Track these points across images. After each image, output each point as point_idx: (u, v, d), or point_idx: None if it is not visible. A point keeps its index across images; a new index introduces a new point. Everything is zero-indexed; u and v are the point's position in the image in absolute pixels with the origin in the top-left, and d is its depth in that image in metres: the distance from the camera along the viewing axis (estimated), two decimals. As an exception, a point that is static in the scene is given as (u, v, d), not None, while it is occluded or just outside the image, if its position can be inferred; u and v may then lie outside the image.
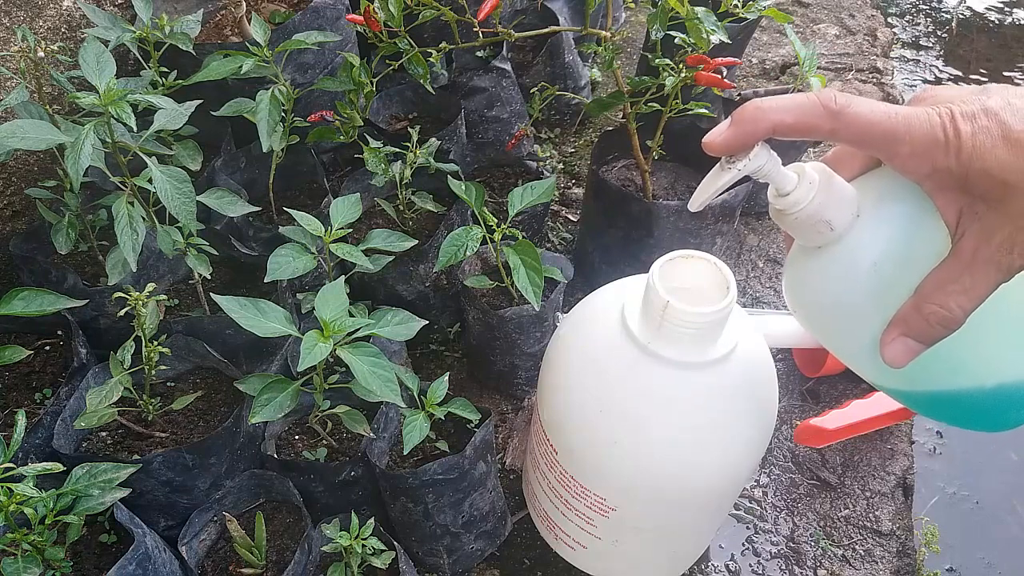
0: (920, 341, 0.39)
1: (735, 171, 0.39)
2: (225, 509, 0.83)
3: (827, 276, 0.41)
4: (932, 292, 0.38)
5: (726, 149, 0.39)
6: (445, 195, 1.02)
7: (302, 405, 0.81)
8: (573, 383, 0.69)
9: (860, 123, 0.36)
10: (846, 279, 0.41)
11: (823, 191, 0.39)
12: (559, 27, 1.12)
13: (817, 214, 0.39)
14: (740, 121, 0.38)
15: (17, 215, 1.01)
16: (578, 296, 0.78)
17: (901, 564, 0.98)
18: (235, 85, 0.97)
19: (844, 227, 0.40)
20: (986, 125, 0.35)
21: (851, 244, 0.40)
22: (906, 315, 0.39)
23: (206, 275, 0.84)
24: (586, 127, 1.55)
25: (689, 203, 0.42)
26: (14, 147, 0.69)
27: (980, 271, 0.37)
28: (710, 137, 0.39)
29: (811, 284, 0.43)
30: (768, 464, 1.07)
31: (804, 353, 1.16)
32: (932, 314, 0.38)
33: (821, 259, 0.41)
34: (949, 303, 0.38)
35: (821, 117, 0.36)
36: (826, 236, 0.40)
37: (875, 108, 0.36)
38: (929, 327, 0.39)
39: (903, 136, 0.36)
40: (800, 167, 0.40)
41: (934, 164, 0.36)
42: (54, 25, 0.99)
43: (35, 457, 0.79)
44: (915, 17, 2.13)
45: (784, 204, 0.40)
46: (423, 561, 0.91)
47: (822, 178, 0.40)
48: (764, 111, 0.37)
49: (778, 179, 0.40)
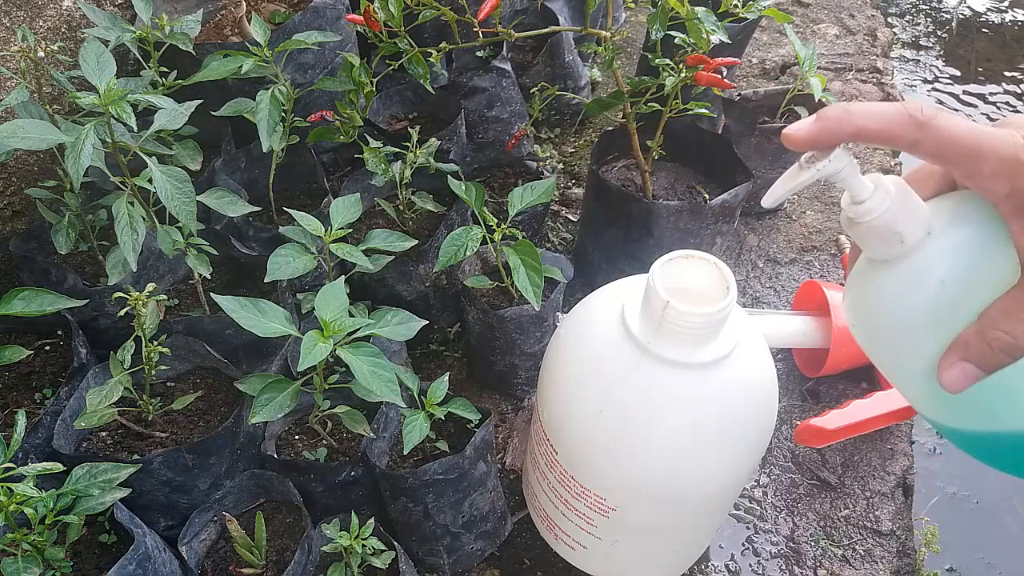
0: (980, 367, 0.39)
1: (814, 171, 0.38)
2: (225, 509, 0.83)
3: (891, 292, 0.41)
4: (999, 318, 0.38)
5: (806, 144, 0.38)
6: (445, 195, 1.02)
7: (302, 405, 0.81)
8: (573, 383, 0.69)
9: (944, 136, 0.36)
10: (910, 296, 0.40)
11: (898, 202, 0.39)
12: (559, 27, 1.12)
13: (889, 225, 0.39)
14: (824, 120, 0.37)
15: (17, 215, 1.01)
16: (578, 296, 0.78)
17: (901, 564, 0.98)
18: (235, 85, 0.97)
19: (915, 242, 0.39)
20: None
21: (919, 261, 0.40)
22: (968, 339, 0.39)
23: (206, 275, 0.84)
24: (586, 127, 1.55)
25: (763, 199, 0.41)
26: (14, 147, 0.69)
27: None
28: (792, 129, 0.38)
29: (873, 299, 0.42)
30: (768, 464, 1.07)
31: (804, 353, 1.16)
32: (996, 340, 0.38)
33: (887, 274, 0.41)
34: (1015, 330, 0.37)
35: (906, 127, 0.36)
36: (895, 250, 0.40)
37: (960, 124, 0.36)
38: (991, 353, 0.38)
39: (986, 154, 0.35)
40: (877, 177, 0.40)
41: (1013, 186, 0.35)
42: (54, 25, 0.99)
43: (35, 457, 0.79)
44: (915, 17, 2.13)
45: (857, 212, 0.40)
46: (423, 561, 0.91)
47: (898, 190, 0.39)
48: (850, 114, 0.37)
49: (855, 186, 0.39)
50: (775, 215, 1.42)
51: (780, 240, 1.38)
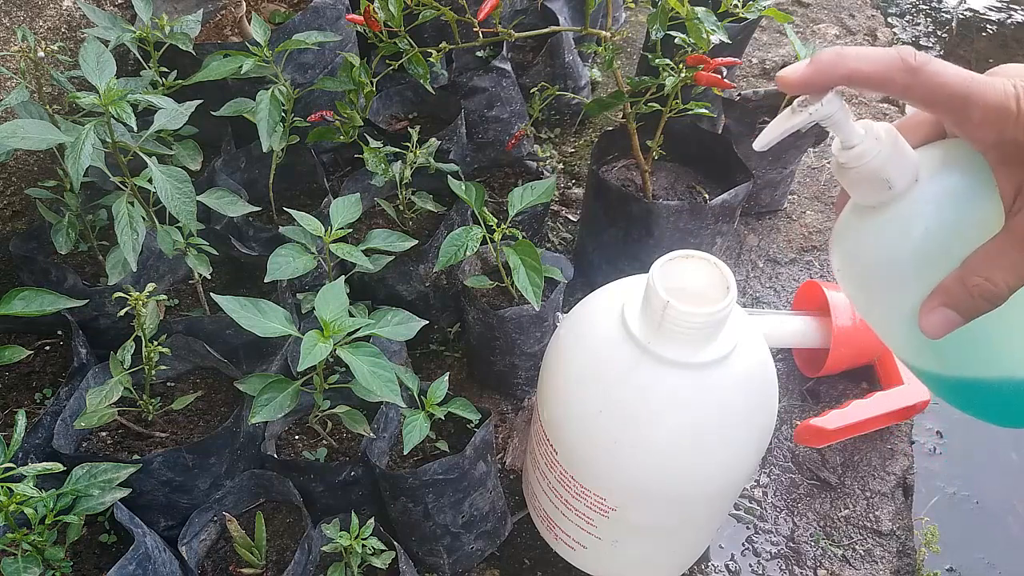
0: (960, 313, 0.39)
1: (806, 115, 0.39)
2: (225, 509, 0.83)
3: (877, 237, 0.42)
4: (980, 264, 0.38)
5: (800, 87, 0.38)
6: (445, 195, 1.02)
7: (302, 405, 0.81)
8: (573, 383, 0.69)
9: (935, 82, 0.36)
10: (896, 241, 0.41)
11: (888, 149, 0.39)
12: (559, 27, 1.12)
13: (879, 171, 0.40)
14: (819, 63, 0.38)
15: (17, 215, 1.01)
16: (578, 296, 0.78)
17: (901, 564, 0.98)
18: (235, 85, 0.97)
19: (903, 188, 0.40)
20: None
21: (906, 207, 0.40)
22: (949, 285, 0.39)
23: (206, 275, 0.84)
24: (586, 127, 1.55)
25: (755, 142, 0.42)
26: (14, 147, 0.69)
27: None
28: (786, 72, 0.38)
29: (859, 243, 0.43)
30: (768, 464, 1.07)
31: (804, 353, 1.16)
32: (976, 286, 0.38)
33: (874, 219, 0.42)
34: (995, 277, 0.37)
35: (899, 71, 0.36)
36: (883, 195, 0.40)
37: (951, 70, 0.36)
38: (971, 299, 0.38)
39: (976, 101, 0.36)
40: (868, 123, 0.40)
41: (1002, 134, 0.36)
42: (54, 25, 0.99)
43: (35, 457, 0.79)
44: (915, 17, 2.13)
45: (848, 157, 0.40)
46: (423, 561, 0.91)
47: (888, 136, 0.40)
48: (844, 57, 0.37)
49: (846, 130, 0.40)
50: (775, 215, 1.42)
51: (780, 240, 1.38)
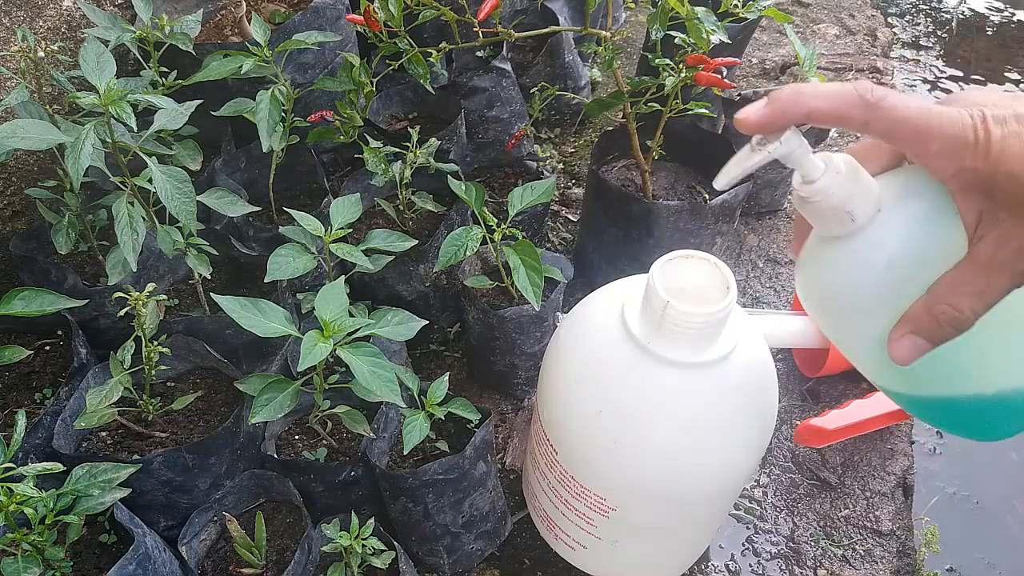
0: (928, 340, 0.39)
1: (765, 153, 0.39)
2: (225, 509, 0.83)
3: (842, 268, 0.42)
4: (945, 292, 0.38)
5: (758, 128, 0.39)
6: (445, 195, 1.02)
7: (302, 405, 0.81)
8: (573, 383, 0.69)
9: (894, 117, 0.36)
10: (861, 272, 0.41)
11: (849, 182, 0.40)
12: (559, 27, 1.12)
13: (841, 204, 0.40)
14: (777, 102, 0.38)
15: (17, 215, 1.01)
16: (578, 296, 0.78)
17: (901, 564, 0.98)
18: (235, 85, 0.97)
19: (865, 220, 0.40)
20: (1016, 130, 0.35)
21: (870, 238, 0.41)
22: (916, 313, 0.39)
23: (206, 275, 0.84)
24: (586, 127, 1.55)
25: (715, 181, 0.42)
26: (14, 147, 0.69)
27: (994, 275, 0.37)
28: (744, 113, 0.38)
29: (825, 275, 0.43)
30: (768, 464, 1.07)
31: (804, 353, 1.16)
32: (943, 314, 0.38)
33: (838, 250, 0.42)
34: (961, 304, 0.38)
35: (857, 107, 0.37)
36: (846, 227, 0.41)
37: (909, 104, 0.36)
38: (938, 327, 0.39)
39: (934, 134, 0.36)
40: (827, 156, 0.40)
41: (961, 164, 0.36)
42: (54, 25, 0.99)
43: (35, 457, 0.79)
44: (915, 17, 2.13)
45: (809, 192, 0.40)
46: (423, 561, 0.91)
47: (848, 169, 0.40)
48: (802, 95, 0.37)
49: (806, 166, 0.40)
50: (775, 215, 1.42)
51: (780, 240, 1.38)
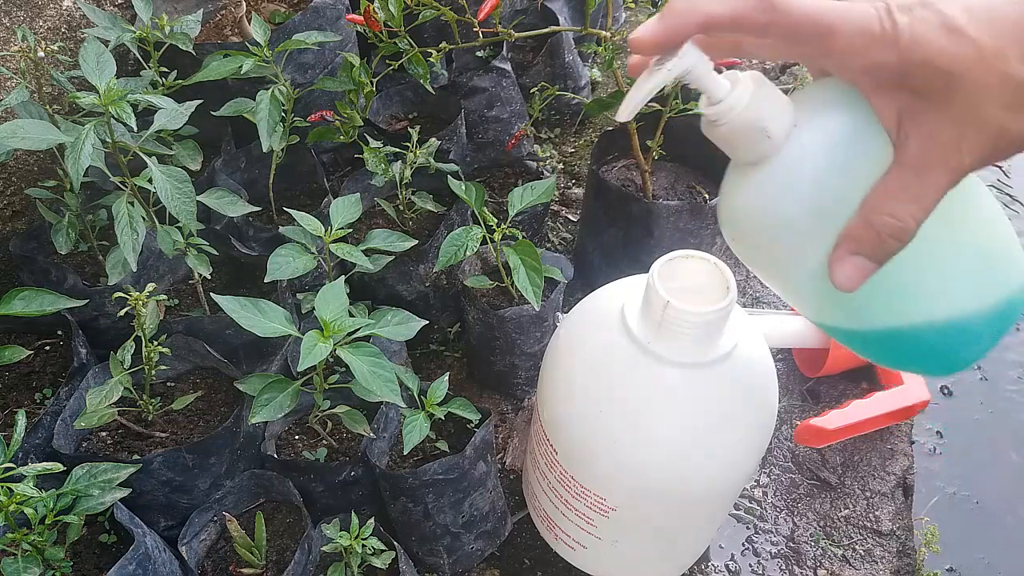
0: (872, 259, 0.37)
1: (665, 71, 0.36)
2: (225, 509, 0.83)
3: (765, 193, 0.39)
4: (881, 202, 0.36)
5: (655, 46, 0.36)
6: (445, 195, 1.02)
7: (302, 405, 0.81)
8: (573, 383, 0.69)
9: (794, 15, 0.34)
10: (786, 196, 0.38)
11: (759, 96, 0.37)
12: (559, 27, 1.12)
13: (753, 121, 0.37)
14: (670, 14, 0.35)
15: (17, 215, 1.01)
16: (578, 296, 0.78)
17: (901, 564, 0.98)
18: (235, 85, 0.97)
19: (781, 136, 0.37)
20: (923, 15, 0.33)
21: (789, 156, 0.38)
22: (855, 230, 0.37)
23: (206, 275, 0.84)
24: (586, 127, 1.55)
25: (617, 113, 0.39)
26: (14, 147, 0.69)
27: (929, 174, 0.34)
28: (637, 33, 0.35)
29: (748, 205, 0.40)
30: (768, 464, 1.07)
31: (804, 353, 1.16)
32: (883, 226, 0.36)
33: (758, 175, 0.39)
34: (900, 212, 0.35)
35: (755, 9, 0.34)
36: (763, 146, 0.38)
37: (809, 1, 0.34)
38: (881, 240, 0.36)
39: (838, 29, 0.34)
40: (733, 74, 0.38)
41: (871, 58, 0.34)
42: (54, 25, 0.99)
43: (35, 457, 0.79)
44: (915, 17, 2.13)
45: (717, 112, 0.37)
46: (423, 561, 0.91)
47: (756, 84, 0.37)
48: (695, 3, 0.35)
49: (710, 84, 0.37)
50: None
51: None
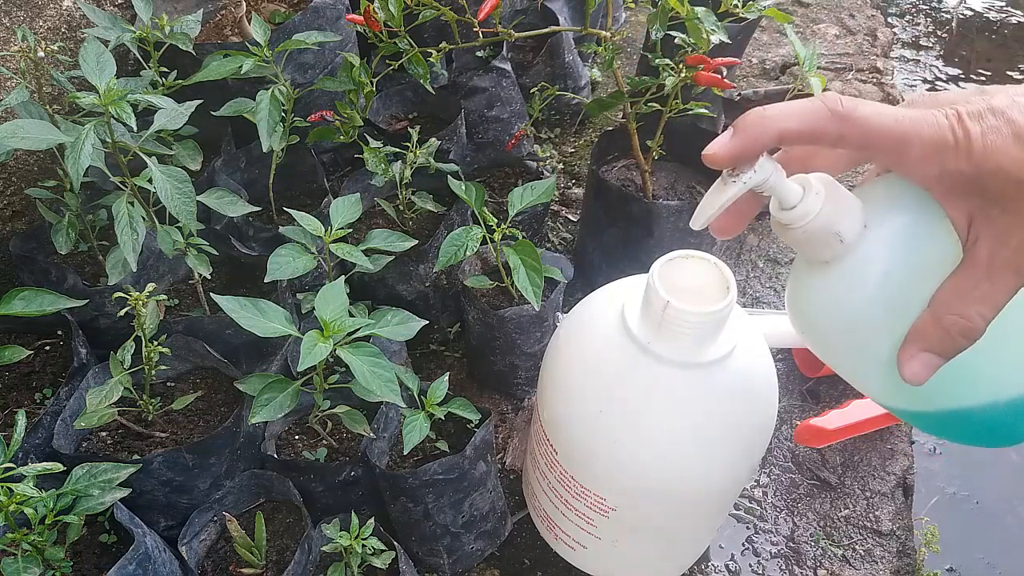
0: (940, 355, 0.38)
1: (740, 184, 0.37)
2: (225, 509, 0.83)
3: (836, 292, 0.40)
4: (950, 302, 0.37)
5: (730, 161, 0.37)
6: (445, 195, 1.02)
7: (302, 405, 0.81)
8: (573, 383, 0.69)
9: (868, 127, 0.35)
10: (856, 293, 0.39)
11: (831, 201, 0.38)
12: (559, 27, 1.12)
13: (826, 226, 0.38)
14: (744, 130, 0.36)
15: (17, 215, 1.01)
16: (578, 296, 0.78)
17: (901, 564, 0.98)
18: (235, 85, 0.97)
19: (853, 239, 0.38)
20: (995, 124, 0.34)
21: (860, 257, 0.38)
22: (924, 328, 0.38)
23: (206, 275, 0.84)
24: (586, 127, 1.55)
25: (692, 221, 0.40)
26: (14, 147, 0.69)
27: (998, 276, 0.35)
28: (712, 149, 0.36)
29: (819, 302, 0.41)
30: (768, 464, 1.07)
31: (804, 353, 1.16)
32: (952, 325, 0.37)
33: (829, 275, 0.40)
34: (969, 312, 0.36)
35: (828, 121, 0.35)
36: (835, 249, 0.39)
37: (882, 111, 0.35)
38: (950, 339, 0.37)
39: (912, 140, 0.34)
40: (803, 178, 0.38)
41: (944, 167, 0.35)
42: (54, 25, 0.99)
43: (35, 457, 0.79)
44: (915, 17, 2.13)
45: (790, 218, 0.38)
46: (423, 561, 0.91)
47: (827, 188, 0.38)
48: (769, 118, 0.36)
49: (783, 191, 0.38)
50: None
51: (780, 240, 1.38)
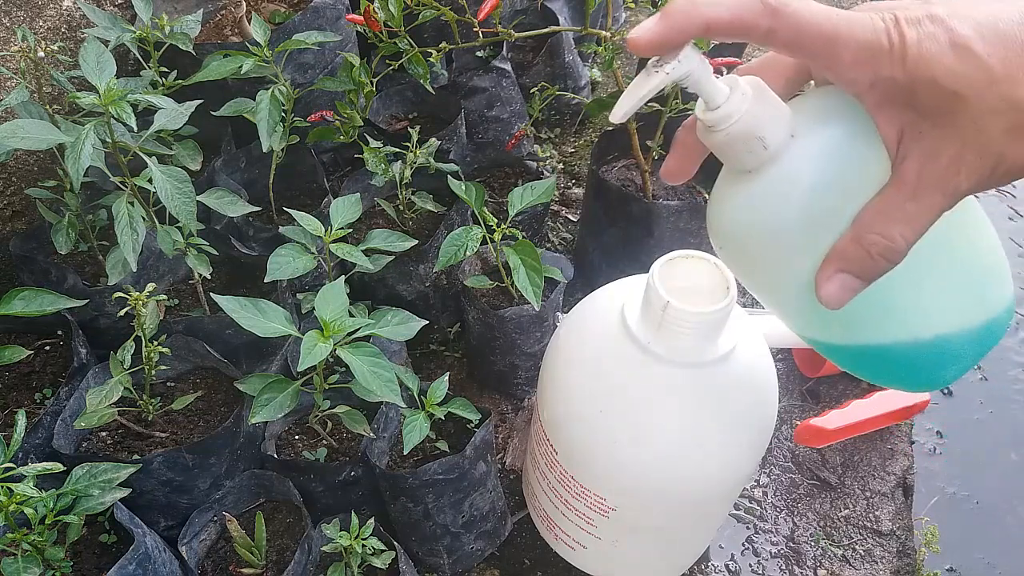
0: (860, 277, 0.36)
1: (663, 75, 0.35)
2: (225, 509, 0.83)
3: (756, 203, 0.38)
4: (872, 221, 0.35)
5: (653, 46, 0.34)
6: (445, 195, 1.02)
7: (302, 405, 0.81)
8: (573, 383, 0.69)
9: (800, 23, 0.33)
10: (778, 206, 0.37)
11: (757, 104, 0.36)
12: (559, 27, 1.12)
13: (750, 130, 0.36)
14: (670, 15, 0.34)
15: (17, 215, 1.01)
16: (578, 296, 0.78)
17: (901, 564, 0.98)
18: (235, 85, 0.97)
19: (779, 146, 0.36)
20: (932, 31, 0.32)
21: (785, 167, 0.37)
22: (844, 248, 0.36)
23: (206, 275, 0.84)
24: (586, 127, 1.55)
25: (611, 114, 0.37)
26: (14, 147, 0.69)
27: (924, 196, 0.34)
28: (635, 33, 0.34)
29: (738, 213, 0.39)
30: (768, 464, 1.07)
31: (804, 353, 1.16)
32: (873, 244, 0.35)
33: (750, 184, 0.38)
34: (891, 232, 0.34)
35: (759, 14, 0.33)
36: (759, 156, 0.37)
37: (816, 8, 0.33)
38: (870, 259, 0.35)
39: (845, 40, 0.33)
40: (732, 79, 0.37)
41: (877, 72, 0.33)
42: (54, 25, 0.99)
43: (35, 457, 0.79)
44: (915, 17, 2.13)
45: (714, 118, 0.36)
46: (423, 561, 0.91)
47: (756, 91, 0.36)
48: (697, 5, 0.33)
49: (709, 89, 0.36)
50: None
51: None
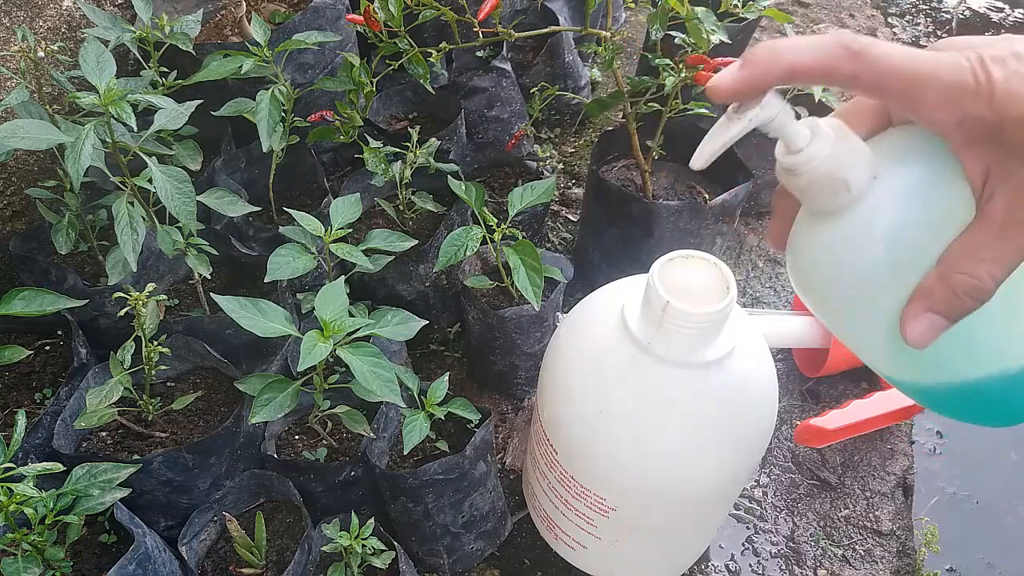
0: (946, 316, 0.35)
1: (745, 121, 0.35)
2: (225, 509, 0.83)
3: (839, 245, 0.37)
4: (959, 260, 0.34)
5: (734, 94, 0.34)
6: (445, 195, 1.02)
7: (302, 405, 0.81)
8: (573, 383, 0.69)
9: (883, 66, 0.32)
10: (861, 248, 0.37)
11: (840, 147, 0.36)
12: (559, 27, 1.12)
13: (833, 173, 0.36)
14: (752, 62, 0.34)
15: (17, 215, 1.01)
16: (578, 296, 0.78)
17: (901, 564, 0.98)
18: (235, 85, 0.97)
19: (861, 188, 0.36)
20: (1019, 69, 0.31)
21: (868, 208, 0.36)
22: (930, 287, 0.35)
23: (206, 275, 0.84)
24: (586, 127, 1.55)
25: (692, 161, 0.38)
26: (14, 147, 0.69)
27: (1012, 234, 0.33)
28: (718, 80, 0.34)
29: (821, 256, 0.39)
30: (768, 464, 1.07)
31: (804, 353, 1.16)
32: (959, 284, 0.34)
33: (833, 227, 0.37)
34: (978, 271, 0.34)
35: (841, 59, 0.33)
36: (841, 199, 0.36)
37: (897, 50, 0.33)
38: (957, 299, 0.34)
39: (930, 81, 0.32)
40: (813, 121, 0.36)
41: (964, 111, 0.32)
42: (54, 25, 0.99)
43: (35, 457, 0.79)
44: (915, 17, 2.13)
45: (795, 162, 0.36)
46: (423, 561, 0.91)
47: (837, 133, 0.36)
48: (780, 52, 0.33)
49: (790, 133, 0.36)
50: (775, 215, 1.41)
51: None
